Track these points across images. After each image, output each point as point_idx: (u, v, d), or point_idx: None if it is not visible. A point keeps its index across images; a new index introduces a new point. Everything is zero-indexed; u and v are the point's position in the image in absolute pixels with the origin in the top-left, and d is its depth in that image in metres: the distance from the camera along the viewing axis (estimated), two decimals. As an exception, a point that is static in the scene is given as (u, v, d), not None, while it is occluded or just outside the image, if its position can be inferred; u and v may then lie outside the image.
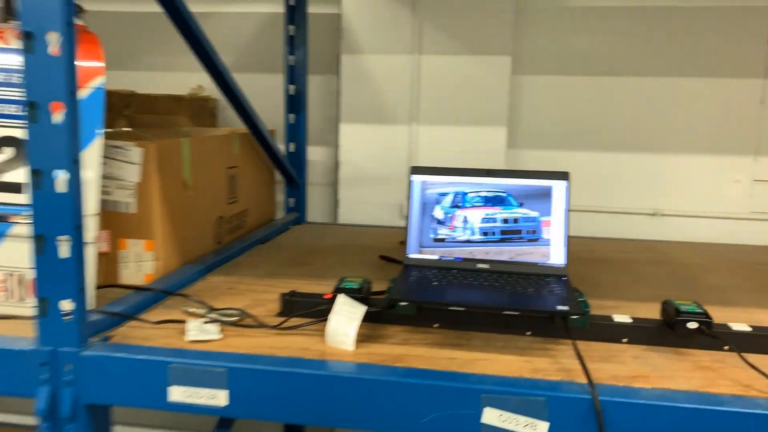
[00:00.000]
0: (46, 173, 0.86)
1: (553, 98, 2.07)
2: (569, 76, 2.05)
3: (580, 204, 2.06)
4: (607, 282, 1.32)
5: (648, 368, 0.89)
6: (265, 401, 0.87)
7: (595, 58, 2.03)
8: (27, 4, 0.83)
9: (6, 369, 0.92)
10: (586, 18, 2.01)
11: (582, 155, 2.07)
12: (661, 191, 2.05)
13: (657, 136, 2.03)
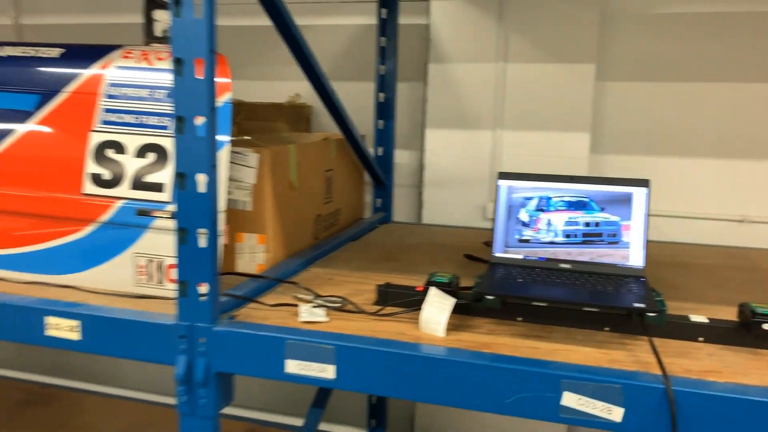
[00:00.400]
0: (190, 176, 1.03)
1: (637, 104, 2.10)
2: (654, 82, 2.07)
3: (665, 209, 2.08)
4: (686, 285, 1.36)
5: (721, 365, 0.95)
6: (367, 376, 0.99)
7: (679, 64, 2.04)
8: (177, 36, 1.00)
9: (151, 339, 1.10)
10: (671, 24, 2.03)
11: (666, 161, 2.09)
12: (749, 198, 2.03)
13: (743, 141, 2.01)
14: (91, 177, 1.23)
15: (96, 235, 1.23)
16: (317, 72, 1.54)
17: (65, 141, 1.26)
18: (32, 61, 1.34)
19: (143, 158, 1.21)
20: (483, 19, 2.09)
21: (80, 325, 1.13)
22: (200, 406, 1.07)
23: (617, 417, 0.90)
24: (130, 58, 1.27)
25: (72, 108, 1.27)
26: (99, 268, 1.24)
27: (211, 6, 0.97)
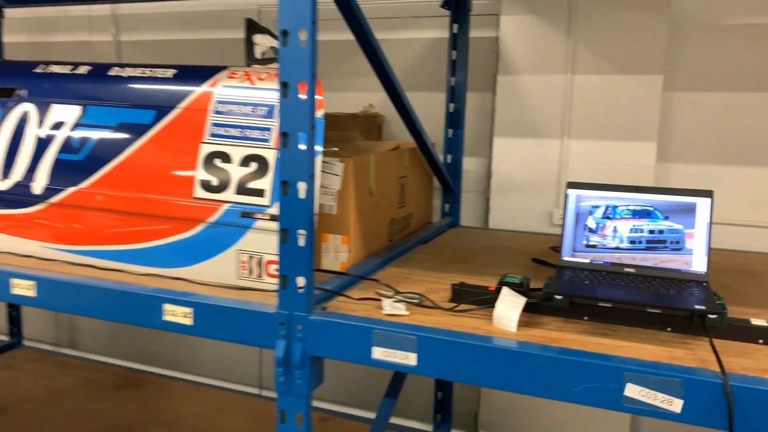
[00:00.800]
0: (292, 184, 1.17)
1: (705, 114, 2.13)
2: (722, 92, 2.10)
3: (732, 218, 2.10)
4: (751, 292, 1.41)
5: (779, 365, 1.01)
6: (446, 364, 1.11)
7: (748, 74, 2.06)
8: (284, 63, 1.15)
9: (254, 326, 1.25)
10: (740, 35, 2.05)
11: (734, 170, 2.11)
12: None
13: (818, 152, 2.01)
14: (200, 183, 1.41)
15: (204, 234, 1.41)
16: (394, 83, 1.66)
17: (178, 151, 1.44)
18: (149, 81, 1.53)
19: (246, 167, 1.37)
20: (551, 32, 2.18)
21: (193, 312, 1.30)
22: (296, 385, 1.21)
23: (677, 408, 0.98)
24: (234, 78, 1.44)
25: (184, 122, 1.45)
26: (206, 262, 1.41)
27: (314, 37, 1.12)
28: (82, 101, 1.57)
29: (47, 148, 1.56)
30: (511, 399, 2.36)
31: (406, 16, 2.47)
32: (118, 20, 2.97)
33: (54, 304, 1.45)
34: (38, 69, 1.67)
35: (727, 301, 1.22)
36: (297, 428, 1.23)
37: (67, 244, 1.56)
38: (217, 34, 2.79)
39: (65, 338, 3.39)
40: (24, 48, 3.18)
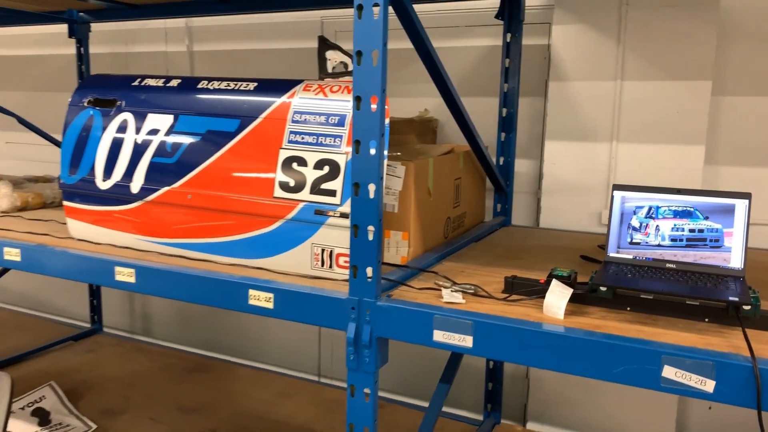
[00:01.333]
0: (363, 186, 1.33)
1: (753, 118, 2.18)
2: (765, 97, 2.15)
3: (779, 219, 2.15)
4: None
5: (808, 353, 1.11)
6: (499, 346, 1.25)
7: (801, 80, 2.10)
8: (358, 79, 1.31)
9: (327, 310, 1.42)
10: (793, 42, 2.10)
11: (783, 173, 2.16)
12: None
13: None
14: (279, 184, 1.58)
15: (282, 229, 1.59)
16: (450, 90, 1.80)
17: (260, 156, 1.62)
18: (233, 93, 1.73)
19: (320, 170, 1.54)
20: (601, 40, 2.27)
21: (273, 297, 1.48)
22: (365, 363, 1.37)
23: (710, 388, 1.09)
24: (309, 90, 1.61)
25: (265, 130, 1.63)
26: (284, 254, 1.59)
27: (384, 57, 1.28)
28: (174, 111, 1.77)
29: (144, 152, 1.78)
30: (559, 392, 2.46)
31: (462, 26, 2.60)
32: (191, 32, 3.21)
33: (151, 290, 1.66)
34: (135, 82, 1.89)
35: (762, 295, 1.31)
36: (365, 402, 1.39)
37: (160, 237, 1.76)
38: (282, 44, 2.99)
39: (139, 326, 3.67)
40: (107, 58, 3.47)
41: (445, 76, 1.72)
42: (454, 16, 2.61)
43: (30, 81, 3.76)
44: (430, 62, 1.65)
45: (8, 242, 1.88)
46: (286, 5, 2.59)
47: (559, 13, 2.32)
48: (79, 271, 1.76)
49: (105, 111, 1.87)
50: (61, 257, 1.79)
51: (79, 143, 1.89)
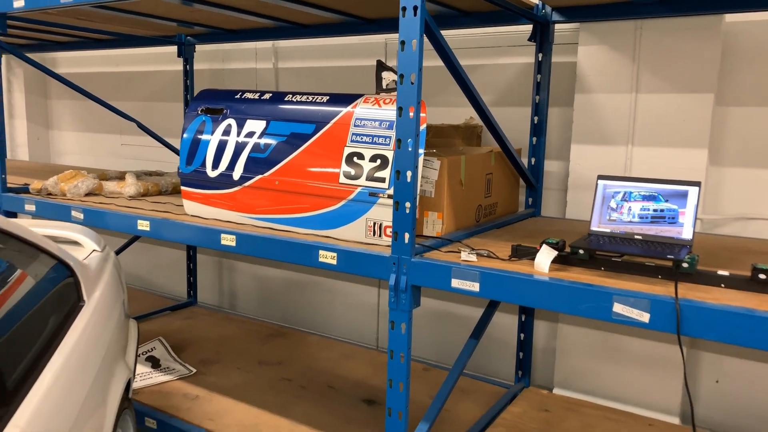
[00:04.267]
0: (403, 172, 1.82)
1: (754, 125, 2.51)
2: (767, 107, 2.47)
3: None
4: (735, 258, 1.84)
5: (726, 297, 1.49)
6: (498, 290, 1.70)
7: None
8: (400, 95, 1.79)
9: (376, 265, 1.91)
10: (785, 59, 2.42)
11: (776, 173, 2.47)
12: None
13: None
14: (343, 173, 2.09)
15: (345, 207, 2.09)
16: (479, 101, 2.25)
17: (330, 152, 2.14)
18: (310, 104, 2.26)
19: (374, 162, 2.04)
20: (620, 59, 2.66)
21: (337, 255, 1.99)
22: (402, 304, 1.86)
23: (646, 319, 1.50)
24: (368, 103, 2.12)
25: (334, 132, 2.15)
26: (345, 226, 2.10)
27: (420, 78, 1.76)
28: (267, 117, 2.33)
29: (243, 149, 2.34)
30: (582, 363, 2.84)
31: (500, 46, 3.05)
32: (277, 51, 3.81)
33: (248, 251, 2.20)
34: (237, 95, 2.46)
35: (708, 263, 1.69)
36: (402, 334, 1.87)
37: (254, 214, 2.32)
38: (353, 62, 3.53)
39: (227, 302, 4.29)
40: (206, 74, 4.13)
41: (473, 89, 2.17)
42: (494, 38, 3.06)
43: (143, 93, 4.49)
44: (460, 79, 2.11)
45: (141, 216, 2.50)
46: (356, 31, 3.12)
47: (584, 35, 2.73)
48: (194, 238, 2.34)
49: (214, 117, 2.45)
50: (181, 227, 2.37)
51: (194, 142, 2.47)
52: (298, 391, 2.86)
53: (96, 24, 3.41)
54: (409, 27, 1.76)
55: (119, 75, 4.63)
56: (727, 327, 1.42)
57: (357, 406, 2.73)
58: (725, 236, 2.38)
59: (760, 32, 2.49)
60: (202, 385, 2.89)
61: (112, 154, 4.78)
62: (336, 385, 2.93)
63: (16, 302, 1.50)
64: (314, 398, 2.78)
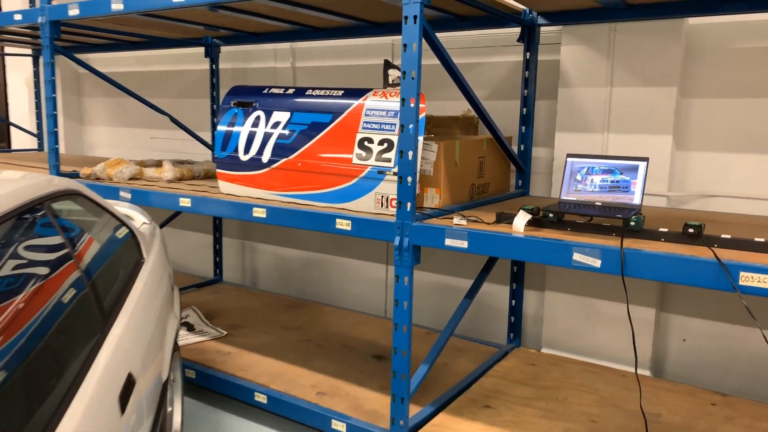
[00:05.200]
0: (405, 152, 2.22)
1: (714, 114, 2.88)
2: (730, 98, 2.84)
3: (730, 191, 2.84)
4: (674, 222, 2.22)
5: (662, 247, 1.88)
6: (481, 246, 2.09)
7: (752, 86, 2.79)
8: (403, 88, 2.19)
9: (383, 229, 2.31)
10: (742, 56, 2.79)
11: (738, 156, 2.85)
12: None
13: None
14: (356, 154, 2.49)
15: (357, 184, 2.49)
16: (471, 94, 2.63)
17: (345, 137, 2.54)
18: (328, 97, 2.66)
19: (382, 146, 2.44)
20: (597, 57, 3.04)
21: (351, 222, 2.39)
22: (405, 260, 2.25)
23: (598, 264, 1.89)
24: (376, 96, 2.52)
25: (348, 121, 2.54)
26: (358, 200, 2.50)
27: (419, 74, 2.15)
28: (290, 109, 2.73)
29: (270, 136, 2.74)
30: (567, 326, 3.23)
31: (493, 46, 3.43)
32: (294, 52, 4.21)
33: (276, 221, 2.61)
34: (264, 91, 2.86)
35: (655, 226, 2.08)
36: (405, 285, 2.27)
37: (280, 191, 2.72)
38: (362, 61, 3.93)
39: (249, 279, 4.71)
40: (230, 72, 4.54)
41: (465, 84, 2.56)
42: (488, 39, 3.45)
43: (172, 90, 4.91)
44: (454, 75, 2.51)
45: (182, 194, 2.91)
46: (366, 33, 3.52)
47: (565, 36, 3.11)
48: (230, 212, 2.75)
49: (245, 110, 2.86)
50: (218, 203, 2.78)
51: (228, 131, 2.88)
52: (317, 349, 3.27)
53: (132, 28, 3.83)
54: (410, 32, 2.15)
55: (147, 74, 5.06)
56: (659, 268, 1.80)
57: (368, 361, 3.13)
58: (682, 209, 2.76)
59: (719, 33, 2.86)
60: (232, 344, 3.31)
61: (140, 146, 5.21)
62: (349, 344, 3.34)
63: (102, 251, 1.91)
64: (331, 355, 3.19)
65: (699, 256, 1.78)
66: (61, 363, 1.31)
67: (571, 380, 2.90)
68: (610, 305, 3.11)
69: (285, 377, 2.91)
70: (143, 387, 1.68)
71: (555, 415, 2.56)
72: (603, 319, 3.13)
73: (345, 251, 4.18)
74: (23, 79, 5.91)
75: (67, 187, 1.88)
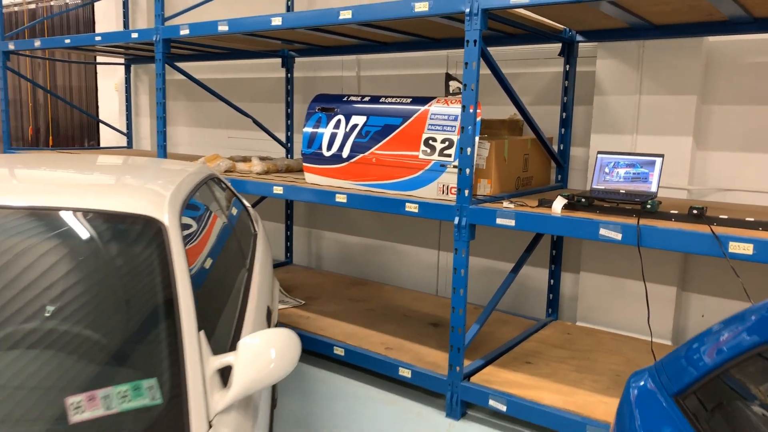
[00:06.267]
0: (464, 149, 2.77)
1: (731, 119, 3.34)
2: (743, 105, 3.30)
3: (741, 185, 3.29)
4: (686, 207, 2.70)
5: (671, 225, 2.37)
6: (526, 223, 2.62)
7: (763, 94, 3.24)
8: (464, 97, 2.74)
9: (444, 211, 2.86)
10: (756, 68, 3.24)
11: (751, 155, 3.30)
12: None
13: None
14: (422, 151, 3.05)
15: (423, 175, 3.05)
16: (518, 100, 3.16)
17: (412, 137, 3.10)
18: (398, 104, 3.22)
19: (444, 144, 2.99)
20: (628, 70, 3.52)
21: (418, 206, 2.95)
22: (462, 236, 2.80)
23: (619, 237, 2.40)
24: (439, 103, 3.07)
25: (416, 123, 3.10)
26: (423, 188, 3.06)
27: (477, 86, 2.70)
28: (366, 114, 3.30)
29: (350, 136, 3.32)
30: (599, 302, 3.71)
31: (537, 58, 3.95)
32: (360, 62, 4.80)
33: (354, 205, 3.18)
34: (344, 98, 3.45)
35: (664, 207, 2.57)
36: (462, 257, 2.81)
37: (357, 181, 3.30)
38: (418, 71, 4.49)
39: (314, 262, 5.32)
40: (301, 80, 5.16)
41: (513, 92, 3.10)
42: (534, 52, 3.96)
43: (247, 95, 5.57)
44: (503, 84, 3.04)
45: (275, 183, 3.52)
46: (425, 48, 4.08)
47: (600, 51, 3.60)
48: (316, 197, 3.33)
49: (328, 114, 3.45)
50: (306, 190, 3.38)
51: (313, 132, 3.48)
52: (381, 317, 3.84)
53: (226, 43, 4.48)
54: (471, 53, 2.70)
55: (224, 81, 5.73)
56: (667, 240, 2.30)
57: (426, 327, 3.69)
58: (698, 200, 3.23)
59: (735, 49, 3.31)
60: (309, 311, 3.91)
61: (218, 145, 5.88)
62: (408, 315, 3.90)
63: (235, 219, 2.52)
64: (394, 321, 3.76)
65: (699, 230, 2.27)
66: (234, 283, 1.90)
67: (601, 346, 3.39)
68: (637, 284, 3.58)
69: (357, 336, 3.49)
70: (274, 319, 2.28)
71: (585, 370, 3.06)
72: (630, 296, 3.61)
73: (400, 238, 4.74)
74: (113, 85, 6.68)
75: (210, 172, 2.49)
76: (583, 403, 2.71)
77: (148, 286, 1.34)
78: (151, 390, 1.14)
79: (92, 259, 1.38)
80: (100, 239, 1.43)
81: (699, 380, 1.27)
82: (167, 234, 1.47)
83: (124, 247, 1.42)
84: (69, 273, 1.33)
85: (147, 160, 2.40)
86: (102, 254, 1.39)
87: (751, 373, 1.13)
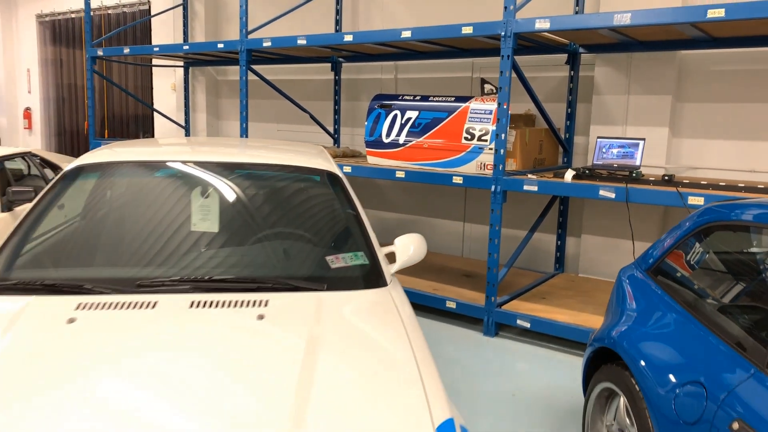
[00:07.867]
0: (500, 135, 3.76)
1: (699, 114, 4.34)
2: (708, 103, 4.31)
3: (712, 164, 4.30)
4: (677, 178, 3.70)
5: (650, 187, 3.38)
6: (545, 188, 3.62)
7: (725, 94, 4.24)
8: (500, 97, 3.73)
9: (483, 182, 3.85)
10: (724, 76, 4.25)
11: (718, 142, 4.31)
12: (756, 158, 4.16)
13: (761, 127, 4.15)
14: (464, 137, 4.03)
15: (465, 156, 4.03)
16: (536, 99, 4.16)
17: (456, 127, 4.08)
18: (444, 102, 4.21)
19: (481, 132, 3.97)
20: (619, 75, 4.52)
21: (463, 179, 3.93)
22: (497, 199, 3.79)
23: (612, 195, 3.40)
24: (477, 101, 4.06)
25: (459, 117, 4.09)
26: (465, 165, 4.04)
27: (509, 88, 3.68)
28: (418, 109, 4.29)
29: (405, 126, 4.30)
30: (598, 257, 4.71)
31: (546, 65, 4.94)
32: (397, 67, 5.77)
33: (412, 179, 4.16)
34: (399, 97, 4.43)
35: (647, 173, 3.56)
36: (497, 215, 3.80)
37: (411, 161, 4.28)
38: (448, 75, 5.47)
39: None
40: (344, 82, 6.13)
41: (533, 93, 4.09)
42: (548, 59, 4.95)
43: (297, 94, 6.53)
44: (527, 87, 4.03)
45: (344, 164, 4.50)
46: (454, 56, 5.06)
47: (598, 60, 4.60)
48: (380, 174, 4.31)
49: (386, 110, 4.43)
50: (371, 169, 4.35)
51: (374, 124, 4.45)
52: (422, 271, 4.83)
53: (290, 51, 5.43)
54: (505, 65, 3.69)
55: (276, 82, 6.69)
56: (646, 196, 3.30)
57: (461, 277, 4.68)
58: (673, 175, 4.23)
59: (702, 59, 4.32)
60: (366, 267, 4.89)
61: (269, 137, 6.84)
62: (444, 270, 4.89)
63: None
64: (434, 273, 4.75)
65: (668, 190, 3.27)
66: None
67: (599, 288, 4.40)
68: (626, 243, 4.59)
69: (408, 282, 4.48)
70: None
71: (587, 303, 4.07)
72: (621, 252, 4.62)
73: (431, 213, 5.73)
74: (169, 84, 7.63)
75: (319, 151, 3.47)
76: (587, 320, 3.72)
77: (346, 207, 2.32)
78: (363, 257, 2.11)
79: (311, 191, 2.36)
80: (311, 182, 2.41)
81: (657, 260, 2.26)
82: (343, 181, 2.44)
83: (326, 187, 2.40)
84: (301, 202, 2.30)
85: (285, 142, 3.37)
86: (315, 189, 2.37)
87: (682, 253, 2.13)
